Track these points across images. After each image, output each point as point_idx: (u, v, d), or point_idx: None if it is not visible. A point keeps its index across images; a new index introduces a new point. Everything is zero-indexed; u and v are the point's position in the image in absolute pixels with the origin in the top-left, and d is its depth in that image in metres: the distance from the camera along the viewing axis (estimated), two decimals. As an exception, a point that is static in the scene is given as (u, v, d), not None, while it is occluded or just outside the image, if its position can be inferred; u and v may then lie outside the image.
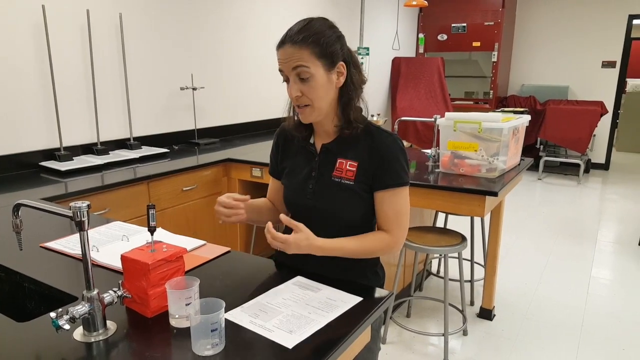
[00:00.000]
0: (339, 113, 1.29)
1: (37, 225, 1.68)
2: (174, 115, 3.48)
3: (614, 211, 5.21)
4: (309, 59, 1.19)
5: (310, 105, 1.23)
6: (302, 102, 1.23)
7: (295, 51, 1.19)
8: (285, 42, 1.20)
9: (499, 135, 2.49)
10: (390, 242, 1.30)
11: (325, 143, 1.34)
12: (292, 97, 1.23)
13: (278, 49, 1.22)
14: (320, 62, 1.20)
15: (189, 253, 1.41)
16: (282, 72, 1.24)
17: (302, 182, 1.34)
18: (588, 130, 6.31)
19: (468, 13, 6.71)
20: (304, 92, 1.21)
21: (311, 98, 1.22)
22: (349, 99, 1.27)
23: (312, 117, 1.26)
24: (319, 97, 1.22)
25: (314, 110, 1.24)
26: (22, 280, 1.29)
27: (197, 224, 2.89)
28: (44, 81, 2.65)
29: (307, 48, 1.18)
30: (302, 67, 1.19)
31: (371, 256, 1.33)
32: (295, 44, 1.18)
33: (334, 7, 5.19)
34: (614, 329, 2.81)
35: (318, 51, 1.19)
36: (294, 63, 1.19)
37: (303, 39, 1.18)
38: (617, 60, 6.78)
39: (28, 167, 2.62)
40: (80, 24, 2.79)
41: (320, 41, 1.19)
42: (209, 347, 0.91)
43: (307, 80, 1.20)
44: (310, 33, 1.19)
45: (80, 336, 0.97)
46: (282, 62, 1.22)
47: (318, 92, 1.21)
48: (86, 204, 0.95)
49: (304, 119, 1.28)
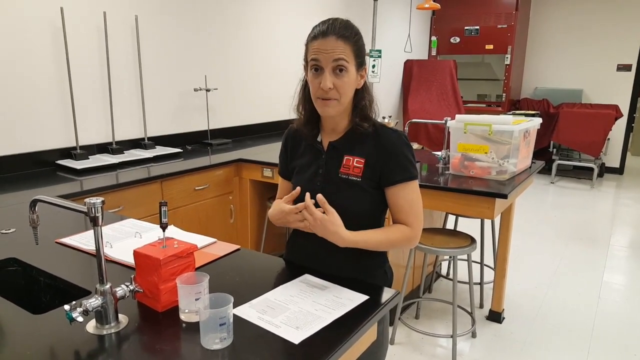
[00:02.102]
0: (354, 112, 1.33)
1: (52, 221, 1.72)
2: (187, 116, 3.53)
3: (627, 216, 5.14)
4: (350, 54, 1.24)
5: (337, 100, 1.26)
6: (332, 96, 1.25)
7: (340, 44, 1.22)
8: (328, 34, 1.22)
9: (510, 137, 2.49)
10: (411, 233, 1.32)
11: (332, 140, 1.36)
12: (325, 88, 1.23)
13: (318, 39, 1.23)
14: (355, 61, 1.26)
15: (199, 250, 1.44)
16: (317, 61, 1.23)
17: (310, 180, 1.37)
18: (602, 133, 6.24)
19: (481, 16, 6.69)
20: (337, 86, 1.24)
21: (341, 93, 1.25)
22: (368, 101, 1.32)
23: (335, 110, 1.29)
24: (346, 93, 1.27)
25: (339, 105, 1.28)
26: (38, 274, 1.32)
27: (209, 222, 2.92)
28: (61, 81, 2.70)
29: (350, 44, 1.23)
30: (343, 61, 1.22)
31: (393, 248, 1.35)
32: (340, 38, 1.22)
33: (347, 9, 5.20)
34: (626, 334, 2.78)
35: (356, 51, 1.25)
36: (337, 55, 1.22)
37: (349, 35, 1.23)
38: (633, 64, 6.69)
39: (45, 165, 2.68)
40: (97, 26, 2.84)
41: (360, 42, 1.27)
42: (218, 341, 0.93)
43: (342, 74, 1.24)
44: (354, 32, 1.26)
45: (92, 329, 1.00)
46: (322, 52, 1.22)
47: (348, 88, 1.26)
48: (100, 200, 0.98)
49: (326, 112, 1.29)
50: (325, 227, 1.21)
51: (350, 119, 1.34)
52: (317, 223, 1.20)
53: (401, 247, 1.35)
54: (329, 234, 1.22)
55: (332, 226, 1.21)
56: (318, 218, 1.20)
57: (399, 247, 1.35)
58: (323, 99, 1.26)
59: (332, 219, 1.21)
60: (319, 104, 1.29)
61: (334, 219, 1.22)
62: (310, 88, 1.29)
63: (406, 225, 1.32)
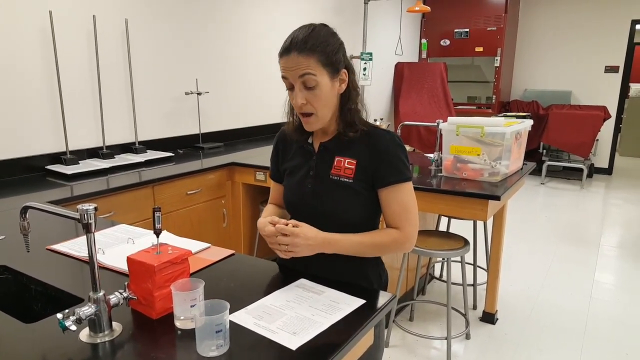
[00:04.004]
0: (340, 118, 1.30)
1: (43, 228, 1.70)
2: (178, 120, 3.50)
3: (617, 216, 5.20)
4: (315, 67, 1.19)
5: (314, 114, 1.25)
6: (307, 110, 1.24)
7: (302, 59, 1.18)
8: (290, 50, 1.19)
9: (502, 139, 2.50)
10: (400, 237, 1.28)
11: (323, 142, 1.35)
12: (297, 105, 1.23)
13: (282, 56, 1.22)
14: (325, 70, 1.21)
15: (194, 255, 1.43)
16: (286, 79, 1.23)
17: (300, 181, 1.36)
18: (591, 135, 6.31)
19: (471, 18, 6.73)
20: (309, 100, 1.22)
21: (315, 107, 1.23)
22: (352, 104, 1.29)
23: (317, 125, 1.28)
24: (323, 105, 1.24)
25: (318, 119, 1.26)
26: (29, 282, 1.30)
27: (201, 227, 2.91)
28: (50, 86, 2.67)
29: (313, 56, 1.19)
30: (309, 75, 1.19)
31: (382, 253, 1.33)
32: (302, 52, 1.18)
33: (338, 12, 5.21)
34: (617, 333, 2.81)
35: (324, 60, 1.20)
36: (301, 71, 1.19)
37: (310, 47, 1.18)
38: (620, 65, 6.78)
39: (34, 170, 2.64)
40: (86, 29, 2.82)
41: (326, 50, 1.20)
42: (214, 348, 0.92)
43: (312, 89, 1.21)
44: (317, 42, 1.19)
45: (86, 337, 0.98)
46: (287, 69, 1.21)
47: (322, 100, 1.23)
48: (93, 207, 0.96)
49: (308, 128, 1.29)
50: (306, 237, 1.20)
51: (339, 121, 1.31)
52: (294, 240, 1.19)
53: (392, 252, 1.32)
54: (313, 244, 1.21)
55: (310, 232, 1.21)
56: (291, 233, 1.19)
57: (389, 251, 1.32)
58: (302, 114, 1.26)
59: (304, 229, 1.21)
60: (301, 119, 1.29)
61: (306, 229, 1.21)
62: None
63: (398, 229, 1.29)
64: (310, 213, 1.32)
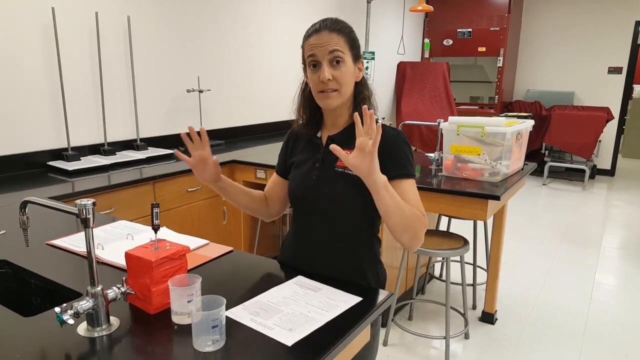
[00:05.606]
0: (354, 106, 1.34)
1: (43, 223, 1.71)
2: (180, 117, 3.51)
3: (619, 217, 5.19)
4: (344, 46, 1.27)
5: (337, 91, 1.28)
6: (332, 87, 1.27)
7: (333, 37, 1.26)
8: (321, 29, 1.27)
9: (502, 139, 2.50)
10: (423, 220, 1.22)
11: (331, 134, 1.36)
12: (325, 79, 1.25)
13: (312, 35, 1.27)
14: (351, 53, 1.29)
15: (192, 252, 1.43)
16: (314, 56, 1.26)
17: (306, 173, 1.37)
18: (593, 136, 6.29)
19: (474, 18, 6.72)
20: (335, 77, 1.26)
21: (340, 83, 1.27)
22: (367, 93, 1.34)
23: (337, 101, 1.29)
24: (346, 83, 1.28)
25: (340, 96, 1.29)
26: (28, 277, 1.31)
27: (202, 224, 2.91)
28: (52, 82, 2.68)
29: (343, 36, 1.27)
30: (338, 52, 1.25)
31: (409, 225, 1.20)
32: (333, 31, 1.26)
33: (340, 11, 5.21)
34: (617, 334, 2.80)
35: (350, 42, 1.29)
36: (332, 47, 1.25)
37: (340, 28, 1.28)
38: (624, 66, 6.76)
39: (36, 166, 2.65)
40: (88, 26, 2.83)
41: (353, 34, 1.31)
42: (210, 343, 0.92)
43: (339, 65, 1.26)
44: (345, 26, 1.30)
45: (84, 331, 0.99)
46: (316, 46, 1.26)
47: (347, 77, 1.28)
48: (91, 202, 0.97)
49: (328, 104, 1.29)
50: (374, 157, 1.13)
51: (350, 113, 1.34)
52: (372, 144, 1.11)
53: (413, 233, 1.21)
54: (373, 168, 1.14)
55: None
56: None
57: (412, 230, 1.21)
58: (323, 91, 1.28)
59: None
60: (320, 97, 1.29)
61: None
62: (311, 85, 1.31)
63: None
64: (313, 204, 1.34)
